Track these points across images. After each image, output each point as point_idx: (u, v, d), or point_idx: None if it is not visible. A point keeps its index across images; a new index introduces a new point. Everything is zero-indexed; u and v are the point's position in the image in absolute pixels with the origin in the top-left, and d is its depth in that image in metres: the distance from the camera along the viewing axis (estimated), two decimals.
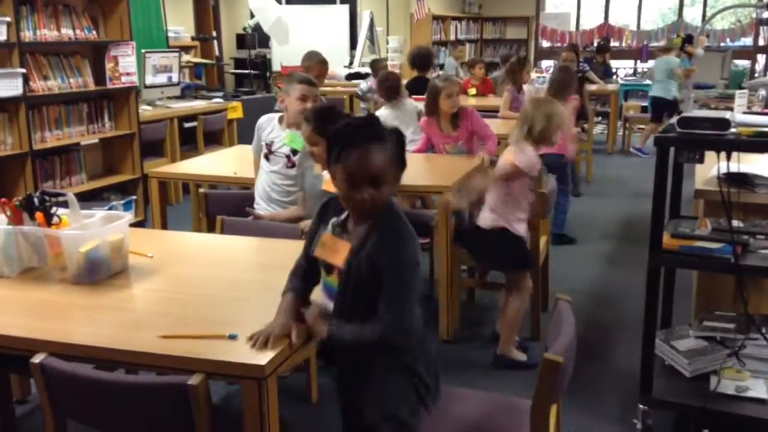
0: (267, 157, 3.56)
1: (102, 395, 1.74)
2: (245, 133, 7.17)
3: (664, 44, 8.66)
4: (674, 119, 2.57)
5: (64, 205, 2.39)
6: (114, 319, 1.97)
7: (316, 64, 5.32)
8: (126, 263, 2.34)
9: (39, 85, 4.87)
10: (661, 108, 8.33)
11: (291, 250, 2.70)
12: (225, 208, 3.75)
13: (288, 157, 3.48)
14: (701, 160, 2.48)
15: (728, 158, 2.45)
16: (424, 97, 6.14)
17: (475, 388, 3.15)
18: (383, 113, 5.12)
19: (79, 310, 2.05)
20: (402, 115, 5.09)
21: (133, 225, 2.43)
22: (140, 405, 1.72)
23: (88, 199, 5.12)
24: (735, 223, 2.58)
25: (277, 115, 3.63)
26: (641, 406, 2.66)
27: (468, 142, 4.37)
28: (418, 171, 4.11)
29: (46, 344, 1.80)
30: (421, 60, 7.14)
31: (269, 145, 3.57)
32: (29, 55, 4.80)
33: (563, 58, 8.19)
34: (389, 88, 5.25)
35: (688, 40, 6.56)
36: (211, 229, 3.82)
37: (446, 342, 3.60)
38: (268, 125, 3.63)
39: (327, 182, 2.74)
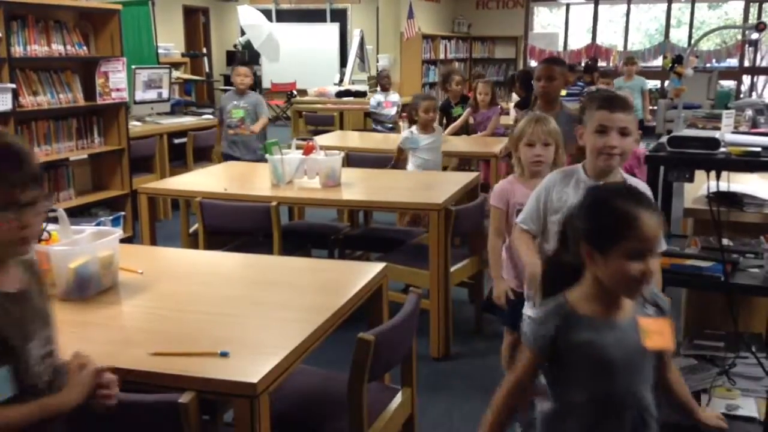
0: None
1: (91, 413, 1.71)
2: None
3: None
4: (664, 138, 2.59)
5: (54, 220, 2.37)
6: (103, 335, 1.95)
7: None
8: (116, 279, 2.32)
9: (29, 101, 4.85)
10: None
11: (281, 267, 2.70)
12: (220, 216, 3.75)
13: None
14: (691, 179, 2.50)
15: (718, 177, 2.47)
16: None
17: (469, 406, 3.15)
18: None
19: (68, 326, 2.02)
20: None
21: (121, 241, 2.41)
22: (130, 423, 1.70)
23: (76, 215, 5.09)
24: (724, 241, 2.59)
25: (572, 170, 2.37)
26: None
27: None
28: (407, 188, 4.12)
29: None
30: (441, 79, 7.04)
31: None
32: (19, 71, 4.78)
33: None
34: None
35: (678, 60, 6.63)
36: (207, 236, 3.80)
37: (435, 359, 3.60)
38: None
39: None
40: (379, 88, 7.95)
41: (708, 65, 12.32)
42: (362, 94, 9.71)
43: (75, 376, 1.57)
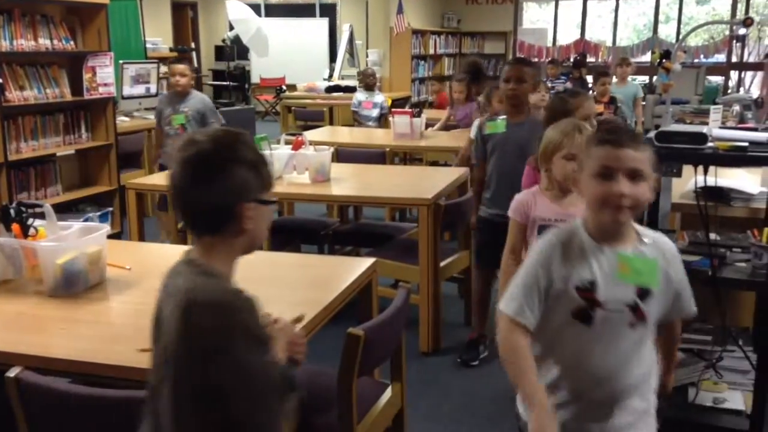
0: None
1: (79, 410, 1.71)
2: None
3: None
4: (652, 133, 2.60)
5: (41, 216, 2.36)
6: (91, 332, 1.94)
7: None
8: (103, 275, 2.31)
9: (15, 96, 4.82)
10: None
11: (270, 262, 2.69)
12: None
13: None
14: (679, 174, 2.51)
15: (705, 172, 2.49)
16: None
17: (458, 400, 3.15)
18: None
19: (56, 323, 2.02)
20: None
21: (109, 237, 2.40)
22: (118, 420, 1.69)
23: (63, 210, 5.06)
24: (712, 236, 2.61)
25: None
26: None
27: None
28: (396, 184, 4.12)
29: (22, 358, 1.77)
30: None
31: None
32: (5, 65, 4.75)
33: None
34: None
35: (666, 55, 6.63)
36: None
37: (425, 354, 3.61)
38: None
39: None
40: (363, 87, 7.58)
41: (696, 61, 12.37)
42: (352, 90, 9.68)
43: (271, 329, 1.54)
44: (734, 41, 12.07)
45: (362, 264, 2.47)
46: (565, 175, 2.36)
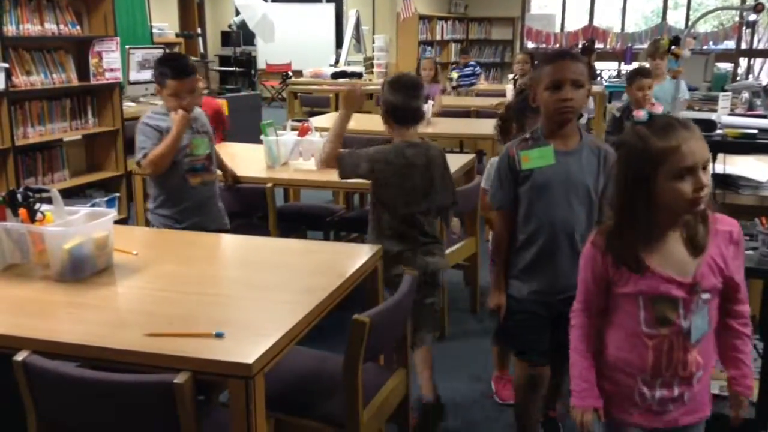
0: None
1: (86, 393, 1.72)
2: (229, 130, 7.14)
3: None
4: None
5: (48, 201, 2.36)
6: (98, 316, 1.95)
7: None
8: (110, 261, 2.32)
9: (22, 80, 4.82)
10: None
11: (276, 248, 2.70)
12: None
13: None
14: None
15: (714, 159, 2.47)
16: None
17: (464, 387, 3.15)
18: None
19: (63, 307, 2.03)
20: None
21: (116, 222, 2.40)
22: (125, 404, 1.71)
23: (70, 196, 5.07)
24: None
25: None
26: None
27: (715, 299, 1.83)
28: None
29: (30, 342, 1.78)
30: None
31: None
32: (12, 50, 4.74)
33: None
34: None
35: (676, 41, 6.57)
36: None
37: None
38: None
39: None
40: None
41: (704, 47, 12.28)
42: (358, 76, 9.65)
43: None
44: (744, 27, 11.97)
45: (368, 250, 2.47)
46: None
